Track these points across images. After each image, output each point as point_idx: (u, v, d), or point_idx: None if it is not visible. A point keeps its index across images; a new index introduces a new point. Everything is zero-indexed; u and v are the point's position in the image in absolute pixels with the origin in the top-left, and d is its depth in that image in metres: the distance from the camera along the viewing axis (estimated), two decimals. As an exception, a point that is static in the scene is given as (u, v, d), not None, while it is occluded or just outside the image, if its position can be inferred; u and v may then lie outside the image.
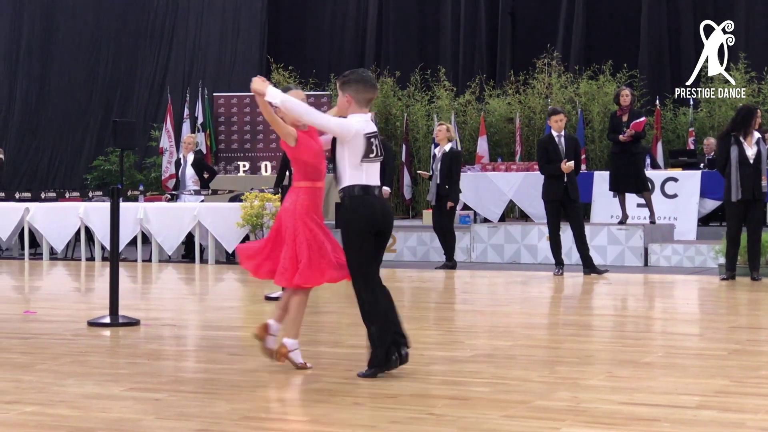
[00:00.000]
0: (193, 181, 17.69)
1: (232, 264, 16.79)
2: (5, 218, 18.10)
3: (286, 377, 6.55)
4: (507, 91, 23.70)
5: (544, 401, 5.75)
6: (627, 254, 16.08)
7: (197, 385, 6.31)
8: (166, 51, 28.53)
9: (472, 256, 17.03)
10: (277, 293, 11.21)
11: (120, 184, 20.47)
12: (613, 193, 16.83)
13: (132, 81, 28.67)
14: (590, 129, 22.34)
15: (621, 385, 6.23)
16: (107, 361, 7.33)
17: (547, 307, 11.25)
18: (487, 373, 6.64)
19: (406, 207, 23.68)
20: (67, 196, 18.31)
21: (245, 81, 27.03)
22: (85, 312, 10.03)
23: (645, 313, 10.76)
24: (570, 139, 14.37)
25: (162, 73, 28.36)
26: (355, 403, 5.76)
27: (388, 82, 24.45)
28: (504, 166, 19.86)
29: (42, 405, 5.73)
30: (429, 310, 10.86)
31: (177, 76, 27.94)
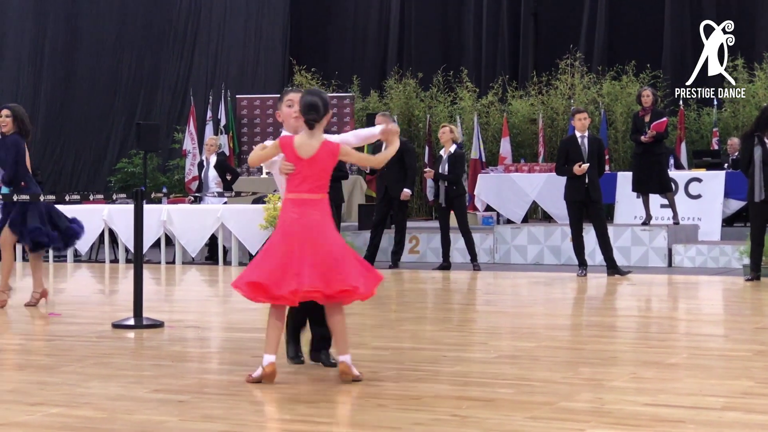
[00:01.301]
0: (216, 183, 17.72)
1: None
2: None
3: (309, 379, 6.55)
4: (530, 92, 23.65)
5: (568, 402, 5.73)
6: (651, 255, 16.03)
7: (221, 387, 6.32)
8: (189, 54, 28.59)
9: (495, 257, 17.01)
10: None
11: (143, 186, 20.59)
12: (636, 194, 16.78)
13: (155, 84, 28.74)
14: (613, 130, 22.28)
15: (645, 387, 6.20)
16: (131, 363, 7.35)
17: (571, 308, 11.22)
18: (511, 374, 6.63)
19: (428, 208, 23.66)
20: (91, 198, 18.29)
21: (268, 83, 27.29)
22: (109, 314, 10.06)
23: (669, 314, 10.72)
24: (593, 139, 14.31)
25: (185, 76, 28.43)
26: (379, 404, 5.76)
27: (410, 84, 24.44)
28: (527, 167, 19.81)
29: (67, 407, 5.74)
30: (452, 312, 10.85)
31: (200, 79, 28.01)
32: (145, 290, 9.50)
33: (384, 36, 27.33)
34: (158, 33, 28.94)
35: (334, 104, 22.67)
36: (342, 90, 24.78)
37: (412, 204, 22.88)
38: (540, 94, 23.36)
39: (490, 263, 16.71)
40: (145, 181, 21.91)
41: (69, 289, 14.05)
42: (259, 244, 16.85)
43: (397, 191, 15.95)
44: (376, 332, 8.88)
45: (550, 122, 23.01)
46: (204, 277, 15.38)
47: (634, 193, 16.78)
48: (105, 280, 15.16)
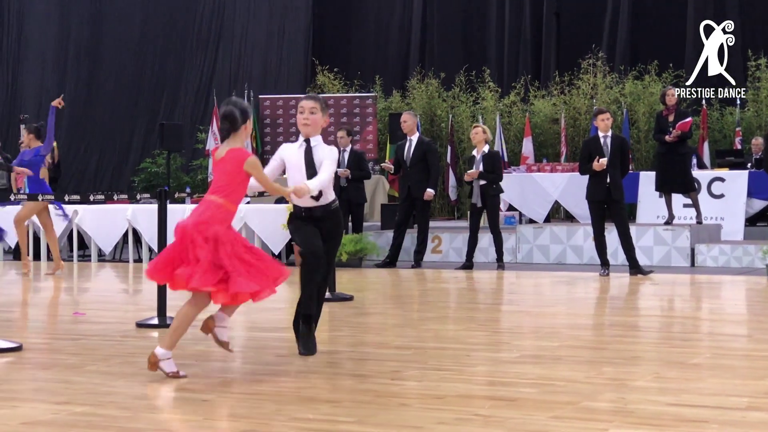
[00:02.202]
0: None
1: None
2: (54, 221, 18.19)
3: (333, 378, 6.56)
4: (552, 92, 23.62)
5: (591, 402, 5.73)
6: (673, 255, 15.98)
7: (245, 387, 6.33)
8: (213, 54, 28.65)
9: (518, 257, 16.99)
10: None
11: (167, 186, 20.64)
12: (659, 194, 16.74)
13: (178, 84, 28.82)
14: (636, 129, 22.23)
15: (668, 387, 6.19)
16: (156, 362, 7.37)
17: (593, 308, 11.20)
18: (534, 374, 6.62)
19: (451, 208, 23.66)
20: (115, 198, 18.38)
21: (291, 83, 27.35)
22: (133, 313, 10.10)
23: (692, 313, 10.69)
24: (616, 138, 14.26)
25: (208, 76, 28.49)
26: (402, 404, 5.76)
27: (432, 84, 24.45)
28: (549, 166, 19.79)
29: (92, 406, 5.77)
30: (475, 311, 10.84)
31: (223, 79, 28.07)
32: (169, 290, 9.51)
33: (406, 36, 27.32)
34: (181, 33, 29.01)
35: (356, 104, 22.70)
36: (364, 90, 24.80)
37: (434, 204, 22.88)
38: (562, 94, 23.33)
39: (512, 263, 16.68)
40: (169, 180, 21.97)
41: (93, 289, 14.10)
42: (281, 243, 16.89)
43: (420, 191, 15.96)
44: (398, 331, 8.88)
45: (572, 122, 22.97)
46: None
47: (656, 192, 16.74)
48: (129, 280, 15.21)
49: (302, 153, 7.21)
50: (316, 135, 7.29)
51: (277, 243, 16.72)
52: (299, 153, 7.23)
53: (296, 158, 7.18)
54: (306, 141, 7.24)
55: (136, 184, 26.17)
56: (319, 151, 7.21)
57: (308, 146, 7.23)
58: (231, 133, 6.69)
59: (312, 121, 7.25)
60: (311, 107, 7.23)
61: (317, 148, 7.22)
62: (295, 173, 7.23)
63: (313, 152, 7.20)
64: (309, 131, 7.22)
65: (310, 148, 7.21)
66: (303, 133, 7.24)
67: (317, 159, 7.14)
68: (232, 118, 6.65)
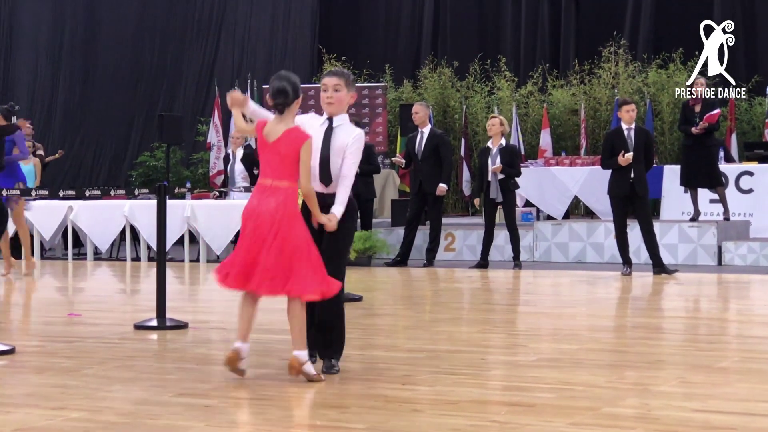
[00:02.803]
0: (243, 178, 17.71)
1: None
2: (48, 217, 18.25)
3: (341, 383, 6.57)
4: (571, 82, 23.59)
5: (613, 408, 5.73)
6: (699, 253, 15.97)
7: (248, 391, 6.34)
8: (214, 42, 28.65)
9: (535, 255, 16.98)
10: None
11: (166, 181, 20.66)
12: (684, 189, 16.72)
13: (178, 74, 28.83)
14: (660, 120, 22.20)
15: (694, 392, 6.19)
16: (155, 366, 7.39)
17: (615, 309, 11.20)
18: (552, 378, 6.63)
19: (465, 204, 23.65)
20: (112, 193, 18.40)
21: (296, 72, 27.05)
22: (131, 315, 10.11)
23: (719, 315, 10.68)
24: (640, 131, 14.24)
25: (209, 65, 28.50)
26: (414, 410, 5.77)
27: (445, 73, 24.43)
28: (568, 160, 19.77)
29: (88, 411, 5.78)
30: (490, 312, 10.85)
31: (225, 68, 28.07)
32: (169, 290, 9.54)
33: (418, 23, 27.30)
34: (181, 20, 29.03)
35: (365, 94, 22.70)
36: (374, 80, 24.79)
37: (447, 199, 22.86)
38: (582, 84, 23.30)
39: (529, 261, 16.68)
40: (168, 175, 21.99)
41: (89, 289, 14.13)
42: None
43: (432, 186, 15.95)
44: (410, 334, 8.89)
45: (592, 113, 22.94)
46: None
47: (681, 187, 16.72)
48: (126, 279, 15.23)
49: (323, 131, 7.03)
50: (341, 114, 7.10)
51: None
52: (320, 131, 7.03)
53: (315, 135, 7.01)
54: (329, 119, 7.05)
55: (133, 179, 26.20)
56: (341, 134, 6.95)
57: (330, 125, 7.01)
58: (285, 108, 6.71)
59: (336, 100, 7.02)
60: (335, 84, 7.03)
61: (339, 129, 6.98)
62: (314, 150, 7.04)
63: (334, 133, 6.97)
64: (333, 110, 7.00)
65: (331, 128, 7.00)
66: (326, 111, 7.05)
67: (337, 142, 6.94)
68: (286, 92, 6.69)
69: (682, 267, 15.05)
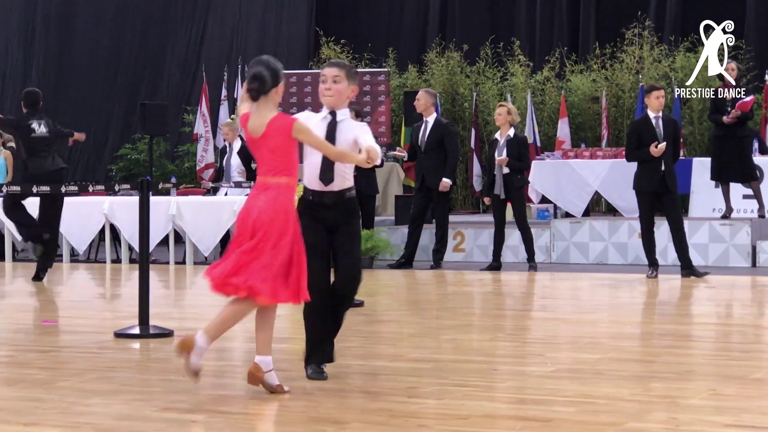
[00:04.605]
0: (239, 172, 17.63)
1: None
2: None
3: (339, 396, 6.57)
4: (591, 67, 23.60)
5: (638, 423, 5.73)
6: (732, 253, 15.97)
7: (239, 406, 6.34)
8: (201, 24, 28.66)
9: (552, 256, 16.99)
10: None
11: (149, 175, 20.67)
12: (715, 183, 16.72)
13: (162, 59, 28.83)
14: (688, 109, 22.20)
15: (726, 405, 6.19)
16: (137, 378, 7.39)
17: (640, 315, 11.20)
18: (571, 390, 6.63)
19: (475, 200, 23.64)
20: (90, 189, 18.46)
21: (291, 57, 27.33)
22: (111, 321, 10.12)
23: (753, 321, 10.68)
24: (668, 120, 14.25)
25: (196, 50, 28.50)
26: (420, 425, 5.77)
27: (454, 57, 24.43)
28: (588, 152, 19.77)
29: (64, 427, 5.78)
30: (503, 319, 10.85)
31: (213, 53, 28.06)
32: (152, 294, 9.54)
33: (424, 3, 27.29)
34: (165, 1, 29.03)
35: (366, 81, 22.71)
36: (376, 65, 24.80)
37: (456, 195, 22.87)
38: (603, 69, 23.30)
39: (546, 263, 16.69)
40: (151, 169, 22.01)
41: (65, 294, 14.14)
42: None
43: (435, 180, 15.91)
44: (415, 342, 8.89)
45: (614, 101, 22.95)
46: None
47: (712, 181, 16.72)
48: (106, 283, 15.24)
49: (325, 126, 7.03)
50: (342, 108, 7.09)
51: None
52: (321, 126, 7.03)
53: (317, 131, 7.01)
54: (331, 113, 7.08)
55: (114, 174, 26.21)
56: (345, 128, 7.00)
57: (333, 120, 7.04)
58: (260, 96, 6.69)
59: (336, 92, 7.03)
60: (334, 75, 7.04)
61: (343, 124, 7.01)
62: (313, 150, 7.08)
63: (338, 128, 7.00)
64: (332, 103, 7.03)
65: (335, 123, 7.00)
66: (325, 104, 7.07)
67: (342, 137, 6.96)
68: (262, 77, 6.67)
69: (713, 269, 15.05)
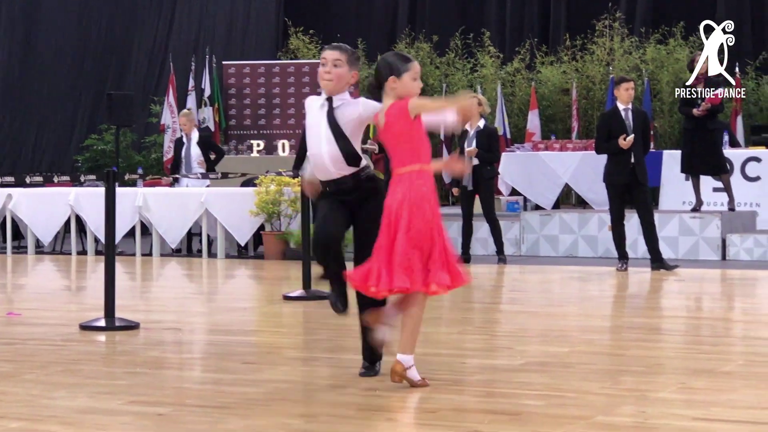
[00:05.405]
0: (199, 163, 17.60)
1: (245, 258, 16.83)
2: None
3: (307, 389, 6.57)
4: (562, 58, 23.62)
5: (607, 417, 5.74)
6: (702, 246, 16.01)
7: (206, 399, 6.33)
8: (168, 13, 28.55)
9: (522, 248, 16.99)
10: (297, 292, 11.23)
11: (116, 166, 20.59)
12: (685, 176, 16.76)
13: (129, 49, 28.71)
14: (658, 101, 22.26)
15: (696, 398, 6.21)
16: (102, 371, 7.37)
17: (609, 308, 11.23)
18: (540, 384, 6.64)
19: (445, 192, 23.65)
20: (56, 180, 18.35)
21: (260, 47, 27.28)
22: (76, 314, 10.08)
23: (723, 314, 10.71)
24: (638, 113, 14.28)
25: (164, 40, 28.39)
26: (388, 419, 5.77)
27: (424, 48, 24.42)
28: (558, 144, 19.80)
29: (29, 420, 5.76)
30: (472, 312, 10.86)
31: (181, 43, 27.95)
32: (118, 287, 9.51)
33: (394, -7, 27.28)
34: (132, -11, 28.92)
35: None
36: (345, 55, 24.73)
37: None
38: (574, 61, 23.33)
39: (515, 255, 16.70)
40: (118, 160, 21.92)
41: (30, 285, 14.08)
42: (249, 232, 16.88)
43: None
44: (384, 335, 8.88)
45: (585, 93, 22.98)
46: (185, 272, 15.40)
47: (683, 174, 16.76)
48: (71, 275, 15.19)
49: (324, 113, 6.94)
50: (342, 93, 6.97)
51: (244, 232, 16.72)
52: (320, 113, 6.95)
53: (316, 118, 6.94)
54: (328, 99, 6.95)
55: (79, 164, 26.10)
56: (345, 112, 6.92)
57: (330, 106, 6.93)
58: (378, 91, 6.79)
59: (336, 76, 6.89)
60: (335, 59, 6.91)
61: (342, 109, 6.92)
62: (313, 136, 6.96)
63: (336, 113, 6.88)
64: (330, 87, 6.89)
65: (332, 109, 6.91)
66: (324, 89, 6.95)
67: (344, 119, 6.88)
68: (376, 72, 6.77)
69: (683, 262, 15.09)
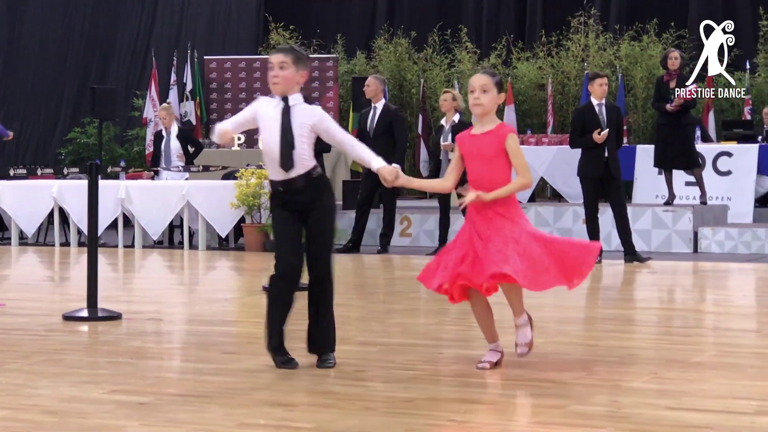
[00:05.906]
0: (178, 156, 17.55)
1: (225, 250, 16.81)
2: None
3: (287, 379, 6.56)
4: (537, 54, 23.62)
5: (581, 406, 5.74)
6: (674, 239, 16.04)
7: (187, 388, 6.32)
8: (151, 8, 28.45)
9: (498, 241, 16.97)
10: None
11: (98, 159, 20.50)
12: (658, 170, 16.78)
13: (112, 43, 28.60)
14: (632, 97, 22.29)
15: (668, 388, 6.22)
16: (85, 360, 7.35)
17: (584, 300, 11.24)
18: (515, 374, 6.64)
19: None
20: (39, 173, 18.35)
21: (240, 42, 27.22)
22: (59, 304, 10.05)
23: (695, 306, 10.74)
24: (611, 108, 14.30)
25: (146, 34, 28.30)
26: (366, 408, 5.76)
27: (402, 44, 24.40)
28: (534, 138, 19.81)
29: (13, 410, 5.74)
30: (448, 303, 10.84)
31: (163, 38, 27.86)
32: (101, 277, 9.48)
33: (372, -11, 27.23)
34: (115, -15, 28.80)
35: (315, 66, 22.66)
36: (324, 51, 24.73)
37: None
38: (549, 57, 23.34)
39: (492, 248, 16.68)
40: (101, 153, 21.79)
41: (13, 276, 14.03)
42: (230, 224, 16.85)
43: (383, 166, 15.87)
44: (362, 326, 8.88)
45: (560, 88, 23.00)
46: (167, 263, 15.37)
47: (655, 168, 16.78)
48: (55, 266, 15.14)
49: (279, 113, 6.94)
50: (294, 93, 6.96)
51: (225, 225, 16.69)
52: (275, 112, 6.96)
53: (271, 118, 6.93)
54: (284, 99, 6.95)
55: (63, 157, 26.03)
56: (299, 113, 6.91)
57: (286, 105, 6.93)
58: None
59: (282, 79, 6.90)
60: (280, 62, 6.91)
61: (297, 109, 6.92)
62: (268, 135, 6.97)
63: (292, 113, 6.91)
64: (279, 90, 6.92)
65: (288, 108, 6.91)
66: (274, 92, 6.97)
67: (297, 122, 6.88)
68: None
69: (656, 254, 15.12)
